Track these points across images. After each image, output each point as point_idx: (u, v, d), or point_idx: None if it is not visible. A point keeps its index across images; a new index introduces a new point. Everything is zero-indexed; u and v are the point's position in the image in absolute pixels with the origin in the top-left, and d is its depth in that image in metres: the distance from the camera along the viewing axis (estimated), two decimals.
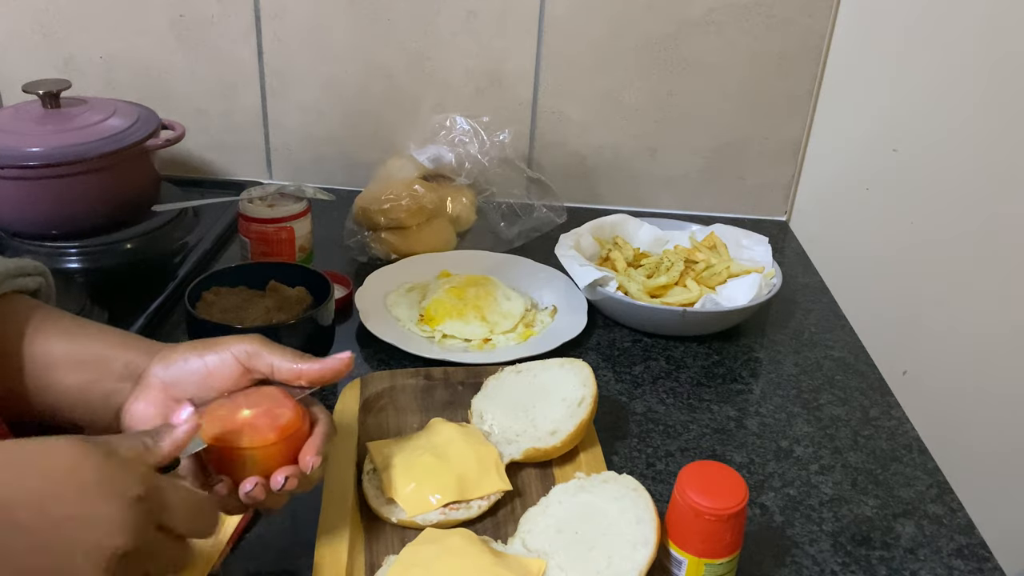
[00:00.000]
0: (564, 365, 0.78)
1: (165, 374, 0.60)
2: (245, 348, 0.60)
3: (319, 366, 0.60)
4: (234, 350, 0.60)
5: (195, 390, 0.60)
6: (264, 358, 0.60)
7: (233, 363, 0.60)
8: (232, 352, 0.60)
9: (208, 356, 0.60)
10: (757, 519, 0.70)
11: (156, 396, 0.60)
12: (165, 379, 0.60)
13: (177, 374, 0.60)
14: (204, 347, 0.61)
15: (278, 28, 1.19)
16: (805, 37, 1.14)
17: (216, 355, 0.60)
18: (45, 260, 0.99)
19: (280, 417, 0.57)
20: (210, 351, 0.61)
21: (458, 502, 0.67)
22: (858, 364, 0.93)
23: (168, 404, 0.59)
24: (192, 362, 0.60)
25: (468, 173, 1.12)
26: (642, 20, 1.14)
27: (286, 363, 0.60)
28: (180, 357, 0.61)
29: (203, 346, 0.61)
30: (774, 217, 1.27)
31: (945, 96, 1.16)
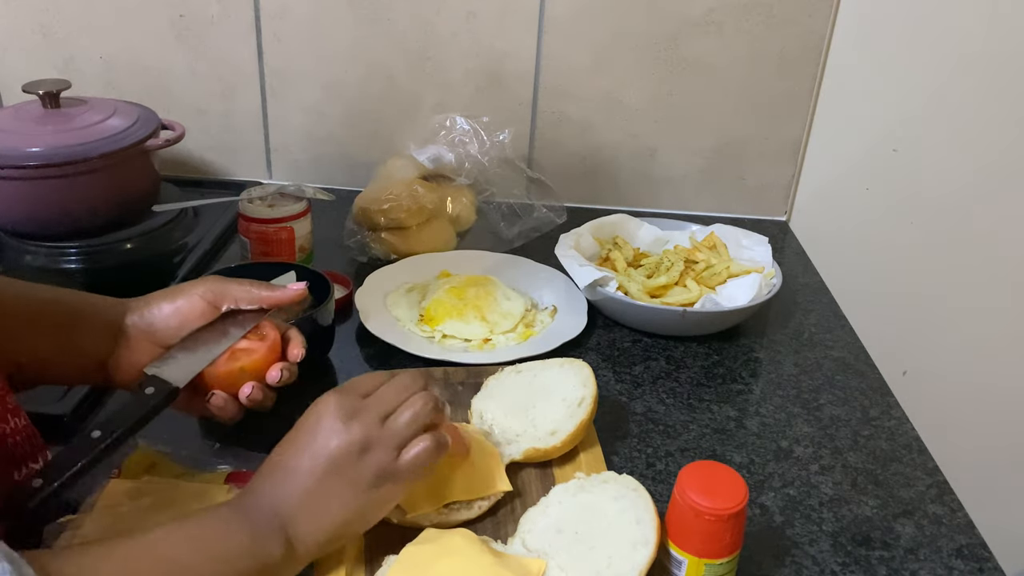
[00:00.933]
0: (564, 365, 0.78)
1: (143, 323, 0.68)
2: (209, 287, 0.69)
3: (276, 294, 0.70)
4: (199, 291, 0.68)
5: (172, 332, 0.67)
6: (228, 293, 0.69)
7: (201, 302, 0.68)
8: (198, 293, 0.68)
9: (178, 300, 0.68)
10: (757, 519, 0.70)
11: (139, 344, 0.67)
12: (144, 328, 0.67)
13: (153, 320, 0.68)
14: (171, 294, 0.69)
15: (278, 28, 1.19)
16: (805, 37, 1.14)
17: (185, 298, 0.68)
18: (45, 260, 1.00)
19: (267, 337, 0.69)
20: (178, 296, 0.68)
21: (458, 502, 0.67)
22: (858, 364, 0.93)
23: (152, 350, 0.67)
24: (165, 308, 0.68)
25: (468, 173, 1.12)
26: (642, 20, 1.14)
27: (247, 293, 0.69)
28: (153, 306, 0.68)
29: (170, 293, 0.69)
30: (774, 217, 1.27)
31: (945, 96, 1.15)
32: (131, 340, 0.67)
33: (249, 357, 0.67)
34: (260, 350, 0.68)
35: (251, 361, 0.67)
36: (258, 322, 0.69)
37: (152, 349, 0.67)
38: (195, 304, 0.68)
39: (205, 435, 0.75)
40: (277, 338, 0.69)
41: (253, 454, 0.71)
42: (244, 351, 0.68)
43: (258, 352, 0.68)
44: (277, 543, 0.55)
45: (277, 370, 0.67)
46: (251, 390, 0.66)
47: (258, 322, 0.69)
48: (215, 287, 0.69)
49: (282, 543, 0.55)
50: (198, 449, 0.71)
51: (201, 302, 0.68)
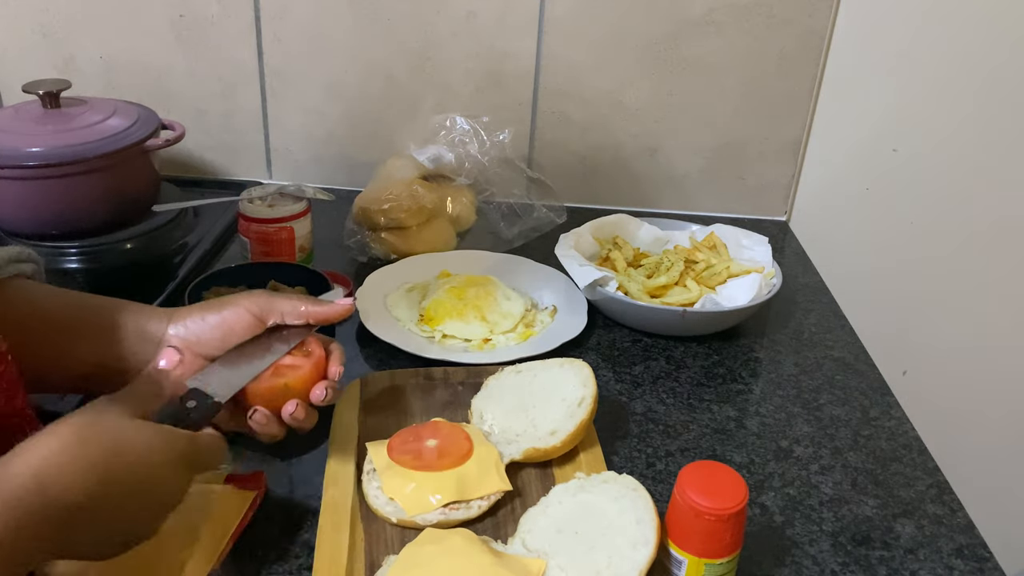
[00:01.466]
0: (564, 365, 0.78)
1: (186, 332, 0.66)
2: (256, 301, 0.66)
3: (324, 309, 0.67)
4: (245, 304, 0.66)
5: (216, 344, 0.65)
6: (274, 307, 0.66)
7: (247, 315, 0.66)
8: (244, 306, 0.66)
9: (224, 312, 0.66)
10: (757, 519, 0.70)
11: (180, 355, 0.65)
12: (187, 337, 0.65)
13: (198, 332, 0.66)
14: (217, 305, 0.67)
15: (278, 28, 1.19)
16: (805, 37, 1.14)
17: (231, 310, 0.66)
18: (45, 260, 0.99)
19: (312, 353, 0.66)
20: (224, 307, 0.66)
21: (458, 502, 0.67)
22: (858, 364, 0.93)
23: (194, 362, 0.65)
24: (210, 319, 0.66)
25: (468, 173, 1.12)
26: (642, 20, 1.14)
27: (294, 308, 0.66)
28: (197, 315, 0.66)
29: (215, 305, 0.67)
30: (774, 217, 1.27)
31: (945, 96, 1.15)
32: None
33: (294, 374, 0.64)
34: (305, 367, 0.65)
35: (296, 378, 0.64)
36: (304, 338, 0.67)
37: (194, 360, 0.65)
38: (241, 316, 0.65)
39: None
40: (322, 355, 0.67)
41: (253, 454, 0.71)
42: (288, 367, 0.65)
43: (303, 369, 0.65)
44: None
45: (322, 388, 0.65)
46: (295, 408, 0.64)
47: (304, 338, 0.67)
48: (262, 301, 0.66)
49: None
50: None
51: (247, 315, 0.66)
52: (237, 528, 0.64)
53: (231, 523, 0.64)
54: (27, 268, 0.66)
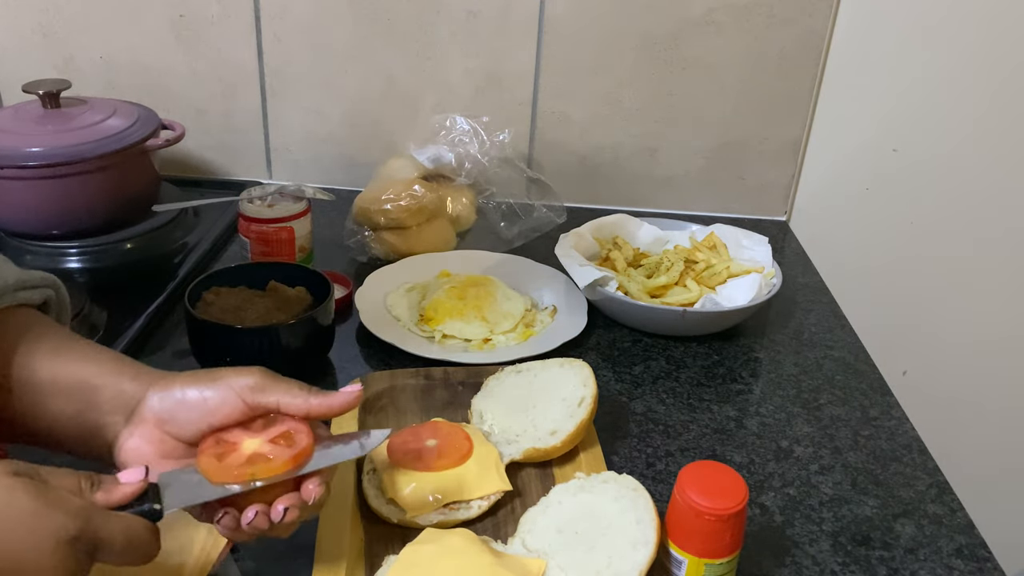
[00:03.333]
0: (564, 365, 0.78)
1: (161, 408, 0.56)
2: (248, 383, 0.56)
3: (329, 401, 0.57)
4: (236, 385, 0.56)
5: (192, 427, 0.56)
6: (269, 394, 0.56)
7: (235, 399, 0.56)
8: (234, 388, 0.56)
9: (208, 390, 0.56)
10: (757, 519, 0.70)
11: (151, 432, 0.56)
12: (161, 414, 0.56)
13: (173, 409, 0.56)
14: (204, 380, 0.57)
15: (278, 28, 1.19)
16: (805, 37, 1.14)
17: (216, 390, 0.56)
18: (45, 260, 1.00)
19: (297, 444, 0.55)
20: (211, 385, 0.56)
21: (458, 502, 0.67)
22: (858, 364, 0.93)
23: (164, 440, 0.56)
24: (190, 396, 0.56)
25: (468, 173, 1.12)
26: (642, 20, 1.14)
27: (294, 399, 0.56)
28: (177, 389, 0.57)
29: (203, 378, 0.57)
30: (774, 217, 1.27)
31: (945, 96, 1.16)
32: (144, 425, 0.56)
33: (266, 465, 0.53)
34: (281, 459, 0.54)
35: (266, 468, 0.53)
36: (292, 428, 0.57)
37: (164, 440, 0.56)
38: (226, 400, 0.56)
39: None
40: (308, 448, 0.55)
41: None
42: (261, 457, 0.54)
43: (277, 462, 0.54)
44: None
45: (282, 506, 0.53)
46: (254, 516, 0.53)
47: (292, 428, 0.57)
48: (256, 382, 0.56)
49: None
50: None
51: (236, 400, 0.56)
52: None
53: None
54: (34, 296, 0.60)
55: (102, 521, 0.46)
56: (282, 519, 0.53)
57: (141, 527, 0.48)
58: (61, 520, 0.44)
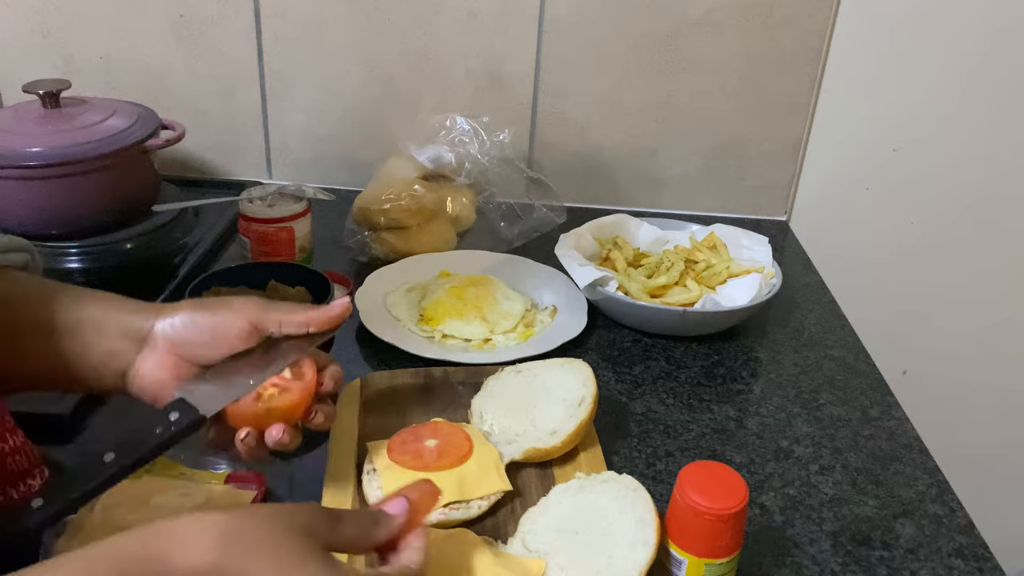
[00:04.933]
0: (564, 365, 0.78)
1: (173, 333, 0.60)
2: (253, 306, 0.61)
3: (323, 313, 0.62)
4: (242, 309, 0.60)
5: (204, 349, 0.59)
6: (271, 315, 0.61)
7: (242, 321, 0.60)
8: (239, 310, 0.60)
9: (218, 315, 0.60)
10: (757, 519, 0.70)
11: (164, 357, 0.59)
12: (173, 338, 0.59)
13: (185, 333, 0.59)
14: (210, 306, 0.61)
15: (278, 28, 1.19)
16: (805, 37, 1.14)
17: (225, 314, 0.60)
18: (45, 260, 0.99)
19: (304, 376, 0.61)
20: (218, 310, 0.60)
21: (458, 502, 0.67)
22: (858, 364, 0.93)
23: (179, 365, 0.59)
24: (200, 321, 0.60)
25: (468, 173, 1.12)
26: (642, 20, 1.14)
27: (294, 315, 0.61)
28: (186, 315, 0.60)
29: (208, 305, 0.61)
30: (774, 217, 1.27)
31: (945, 96, 1.16)
32: (156, 350, 0.60)
33: (281, 399, 0.60)
34: (294, 391, 0.60)
35: (283, 403, 0.60)
36: (304, 353, 0.62)
37: (176, 363, 0.59)
38: (234, 323, 0.59)
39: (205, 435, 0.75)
40: (314, 378, 0.62)
41: None
42: (278, 387, 0.60)
43: (291, 393, 0.60)
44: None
45: (312, 411, 0.61)
46: (280, 434, 0.59)
47: (304, 353, 0.62)
48: (259, 307, 0.61)
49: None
50: (198, 449, 0.71)
51: (243, 321, 0.60)
52: None
53: None
54: (17, 259, 0.62)
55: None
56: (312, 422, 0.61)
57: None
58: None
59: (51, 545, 0.59)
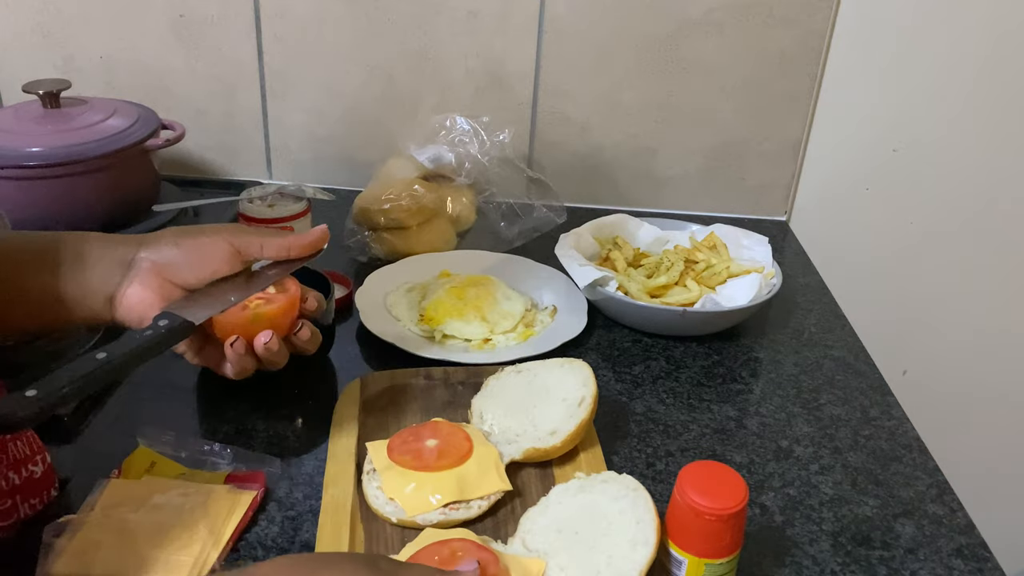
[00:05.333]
0: (564, 365, 0.78)
1: (158, 256, 0.62)
2: (235, 232, 0.64)
3: (303, 238, 0.67)
4: (225, 234, 0.63)
5: (189, 272, 0.62)
6: (252, 238, 0.64)
7: (226, 245, 0.62)
8: (223, 235, 0.63)
9: (201, 238, 0.62)
10: (757, 519, 0.70)
11: (150, 279, 0.61)
12: (158, 261, 0.62)
13: (170, 256, 0.62)
14: (194, 232, 0.64)
15: (278, 28, 1.19)
16: (805, 37, 1.14)
17: (209, 238, 0.62)
18: None
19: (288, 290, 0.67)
20: (202, 234, 0.63)
21: (458, 502, 0.67)
22: (858, 364, 0.93)
23: (164, 287, 0.62)
24: (185, 244, 0.62)
25: (468, 173, 1.12)
26: (642, 20, 1.14)
27: (275, 238, 0.65)
28: (171, 240, 0.62)
29: (191, 231, 0.64)
30: (774, 217, 1.27)
31: (945, 96, 1.16)
32: (142, 273, 0.61)
33: (268, 306, 0.64)
34: (279, 300, 0.65)
35: (270, 310, 0.63)
36: (283, 276, 0.67)
37: (164, 286, 0.62)
38: (218, 246, 0.62)
39: (205, 435, 0.75)
40: (298, 293, 0.67)
41: (253, 454, 0.71)
42: (263, 299, 0.65)
43: (277, 302, 0.65)
44: None
45: (298, 324, 0.66)
46: (268, 338, 0.63)
47: (283, 276, 0.67)
48: (240, 232, 0.64)
49: None
50: (198, 449, 0.71)
51: (227, 245, 0.62)
52: (237, 528, 0.64)
53: (231, 523, 0.64)
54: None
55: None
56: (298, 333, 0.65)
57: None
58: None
59: (51, 544, 0.59)
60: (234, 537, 0.63)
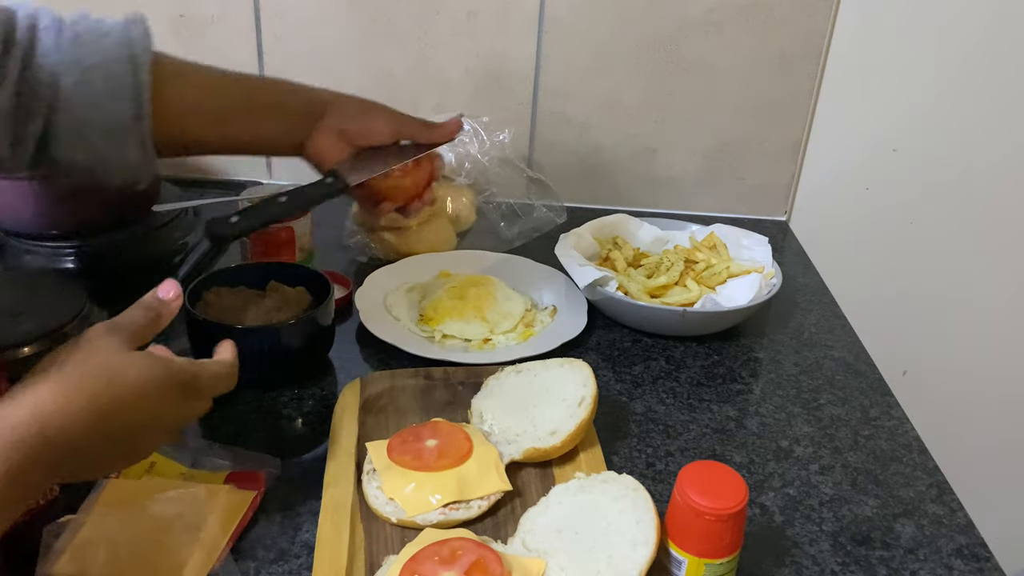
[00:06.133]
0: (564, 365, 0.78)
1: (337, 121, 0.82)
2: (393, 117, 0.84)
3: (445, 127, 0.87)
4: (385, 116, 0.84)
5: (359, 137, 0.83)
6: (406, 127, 0.85)
7: (385, 127, 0.83)
8: (384, 118, 0.83)
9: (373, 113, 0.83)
10: (757, 519, 0.70)
11: (330, 136, 0.82)
12: (338, 125, 0.82)
13: (347, 124, 0.82)
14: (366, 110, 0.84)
15: (278, 28, 1.19)
16: (805, 37, 1.14)
17: (374, 118, 0.83)
18: (45, 260, 1.00)
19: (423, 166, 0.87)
20: (373, 110, 0.84)
21: (458, 502, 0.67)
22: (858, 364, 0.93)
23: (338, 143, 0.82)
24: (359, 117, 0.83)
25: (468, 173, 1.12)
26: (642, 20, 1.15)
27: (423, 127, 0.86)
28: (349, 114, 0.82)
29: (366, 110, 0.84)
30: (774, 217, 1.27)
31: (945, 96, 1.16)
32: (325, 129, 0.82)
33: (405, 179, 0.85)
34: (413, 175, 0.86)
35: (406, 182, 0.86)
36: (421, 155, 0.85)
37: (337, 141, 0.82)
38: (379, 126, 0.82)
39: (205, 435, 0.75)
40: (431, 167, 0.87)
41: (253, 454, 0.71)
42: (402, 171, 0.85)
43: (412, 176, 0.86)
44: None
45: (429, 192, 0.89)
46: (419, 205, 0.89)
47: (421, 155, 0.85)
48: (400, 115, 0.84)
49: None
50: (198, 449, 0.71)
51: (386, 127, 0.83)
52: (237, 528, 0.64)
53: (231, 523, 0.64)
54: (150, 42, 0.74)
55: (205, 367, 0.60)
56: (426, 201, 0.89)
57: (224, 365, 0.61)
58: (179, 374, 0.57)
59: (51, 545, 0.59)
60: (234, 537, 0.63)
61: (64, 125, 0.70)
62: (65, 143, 0.71)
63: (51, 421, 0.49)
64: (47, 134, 0.70)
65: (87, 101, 0.70)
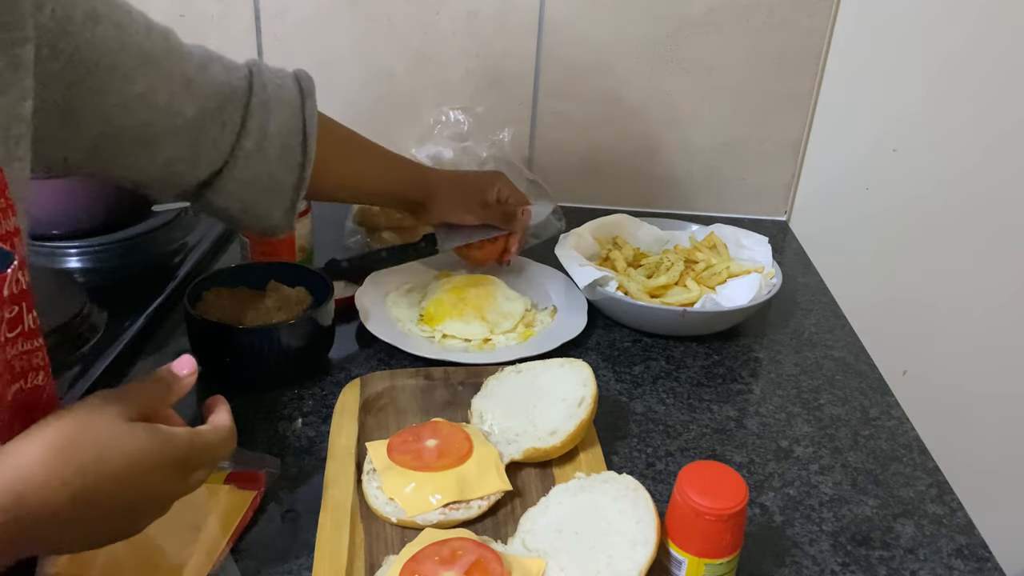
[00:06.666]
0: (564, 365, 0.78)
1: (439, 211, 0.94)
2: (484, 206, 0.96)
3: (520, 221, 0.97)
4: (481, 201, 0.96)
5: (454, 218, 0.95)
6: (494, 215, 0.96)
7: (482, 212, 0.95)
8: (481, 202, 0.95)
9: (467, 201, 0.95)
10: (757, 519, 0.70)
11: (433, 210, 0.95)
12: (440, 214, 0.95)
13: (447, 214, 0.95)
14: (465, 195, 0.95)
15: (278, 28, 1.19)
16: (805, 37, 1.14)
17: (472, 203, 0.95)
18: (45, 260, 1.00)
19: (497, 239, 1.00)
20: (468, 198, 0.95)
21: (458, 502, 0.67)
22: (858, 364, 0.93)
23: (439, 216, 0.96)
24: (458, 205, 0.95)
25: None
26: (642, 20, 1.15)
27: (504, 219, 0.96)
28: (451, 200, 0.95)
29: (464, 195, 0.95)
30: (774, 217, 1.27)
31: (945, 96, 1.16)
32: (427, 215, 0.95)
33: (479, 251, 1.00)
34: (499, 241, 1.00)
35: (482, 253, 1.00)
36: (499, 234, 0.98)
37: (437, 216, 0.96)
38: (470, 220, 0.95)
39: None
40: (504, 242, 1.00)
41: (253, 454, 0.71)
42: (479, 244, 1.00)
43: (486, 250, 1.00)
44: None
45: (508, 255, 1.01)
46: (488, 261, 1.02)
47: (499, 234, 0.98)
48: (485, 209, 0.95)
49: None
50: None
51: (475, 220, 0.95)
52: (237, 528, 0.64)
53: (231, 523, 0.64)
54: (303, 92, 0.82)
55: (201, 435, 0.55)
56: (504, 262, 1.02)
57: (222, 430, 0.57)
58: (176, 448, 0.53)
59: None
60: (234, 537, 0.63)
61: (231, 179, 0.74)
62: (224, 194, 0.75)
63: (31, 495, 0.46)
64: (213, 183, 0.74)
65: (259, 166, 0.75)
